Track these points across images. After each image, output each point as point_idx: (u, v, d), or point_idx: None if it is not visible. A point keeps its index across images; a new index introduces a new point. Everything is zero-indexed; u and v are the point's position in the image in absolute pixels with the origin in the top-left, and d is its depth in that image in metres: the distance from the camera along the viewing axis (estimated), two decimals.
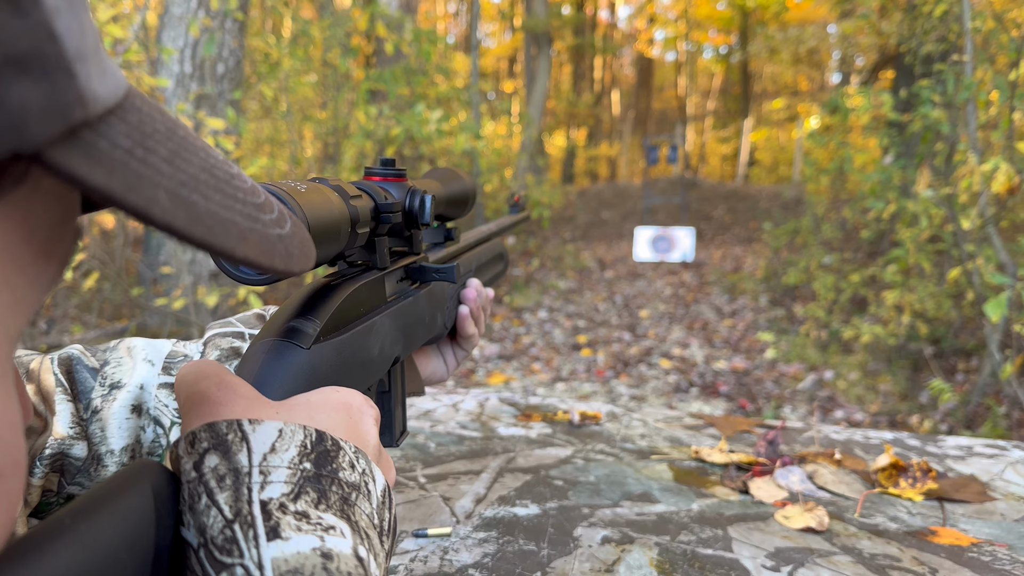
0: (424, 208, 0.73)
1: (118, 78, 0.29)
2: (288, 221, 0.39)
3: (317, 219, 0.54)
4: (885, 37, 9.67)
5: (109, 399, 0.77)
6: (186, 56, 5.50)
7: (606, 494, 1.05)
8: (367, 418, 0.52)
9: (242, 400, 0.47)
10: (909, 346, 5.70)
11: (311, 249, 0.41)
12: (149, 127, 0.30)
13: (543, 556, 0.85)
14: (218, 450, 0.41)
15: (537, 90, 15.92)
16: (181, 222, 0.28)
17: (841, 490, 1.10)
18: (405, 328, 0.74)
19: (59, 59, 0.23)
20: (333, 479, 0.43)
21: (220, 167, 0.34)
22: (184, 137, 0.33)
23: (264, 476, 0.40)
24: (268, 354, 0.54)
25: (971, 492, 1.12)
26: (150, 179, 0.27)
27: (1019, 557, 0.92)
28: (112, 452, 0.77)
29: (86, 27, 0.26)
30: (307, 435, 0.44)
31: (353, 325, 0.63)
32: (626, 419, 1.42)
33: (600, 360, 6.22)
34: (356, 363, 0.62)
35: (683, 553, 0.88)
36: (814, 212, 8.15)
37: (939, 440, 1.39)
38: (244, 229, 0.33)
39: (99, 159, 0.25)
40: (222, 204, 0.32)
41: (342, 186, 0.62)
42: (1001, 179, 3.22)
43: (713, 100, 28.42)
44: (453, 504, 0.99)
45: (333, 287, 0.63)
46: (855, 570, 0.86)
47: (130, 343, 0.82)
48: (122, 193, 0.26)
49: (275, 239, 0.36)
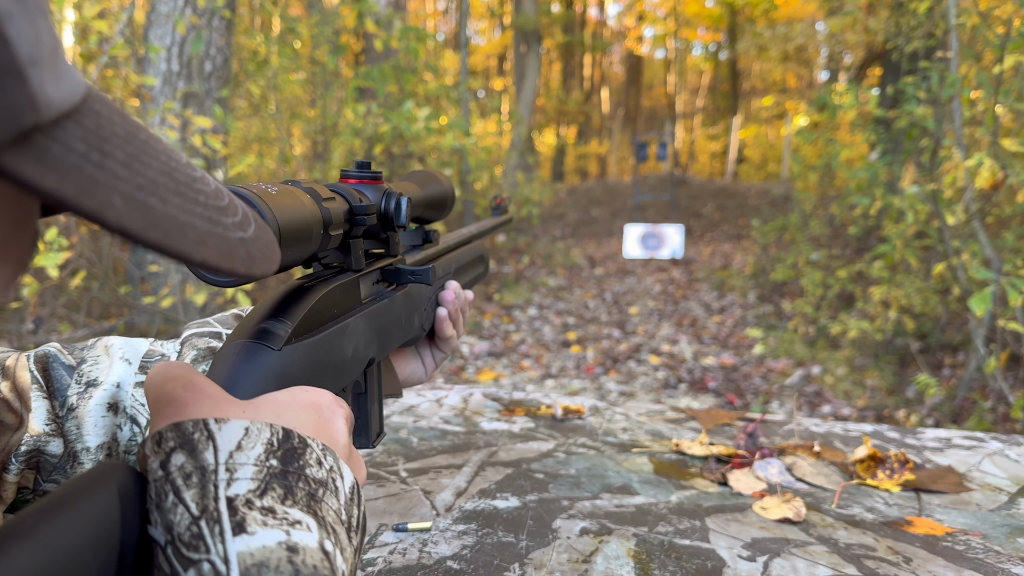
0: (400, 210, 0.74)
1: (75, 81, 0.29)
2: (252, 224, 0.39)
3: (288, 221, 0.54)
4: (872, 34, 9.72)
5: (85, 396, 0.77)
6: (173, 54, 5.48)
7: (586, 487, 1.05)
8: (336, 417, 0.52)
9: (209, 400, 0.47)
10: (896, 341, 5.73)
11: (275, 252, 0.41)
12: (107, 131, 0.30)
13: (521, 547, 0.86)
14: (184, 448, 0.41)
15: (527, 88, 15.92)
16: (136, 226, 0.28)
17: (819, 481, 1.11)
18: (380, 330, 0.74)
19: (10, 64, 0.24)
20: (300, 475, 0.43)
21: (181, 170, 0.34)
22: (145, 140, 0.33)
23: (230, 473, 0.41)
24: (239, 356, 0.54)
25: (948, 483, 1.13)
26: (105, 183, 0.27)
27: (992, 546, 0.93)
28: (88, 449, 0.77)
29: (41, 32, 0.26)
30: (273, 433, 0.44)
31: (326, 326, 0.63)
32: (608, 413, 1.43)
33: (589, 357, 6.23)
34: (329, 364, 0.62)
35: (660, 544, 0.88)
36: (802, 209, 8.19)
37: (918, 432, 1.40)
38: (203, 232, 0.33)
39: (51, 163, 0.25)
40: (181, 208, 0.32)
41: (315, 188, 0.62)
42: (985, 175, 3.24)
43: (702, 97, 28.47)
44: (434, 498, 0.99)
45: (306, 289, 0.63)
46: (830, 560, 0.87)
47: (107, 341, 0.82)
48: (74, 197, 0.26)
49: (236, 242, 0.36)
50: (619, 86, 29.66)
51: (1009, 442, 1.36)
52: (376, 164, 8.17)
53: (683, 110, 28.13)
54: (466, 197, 9.65)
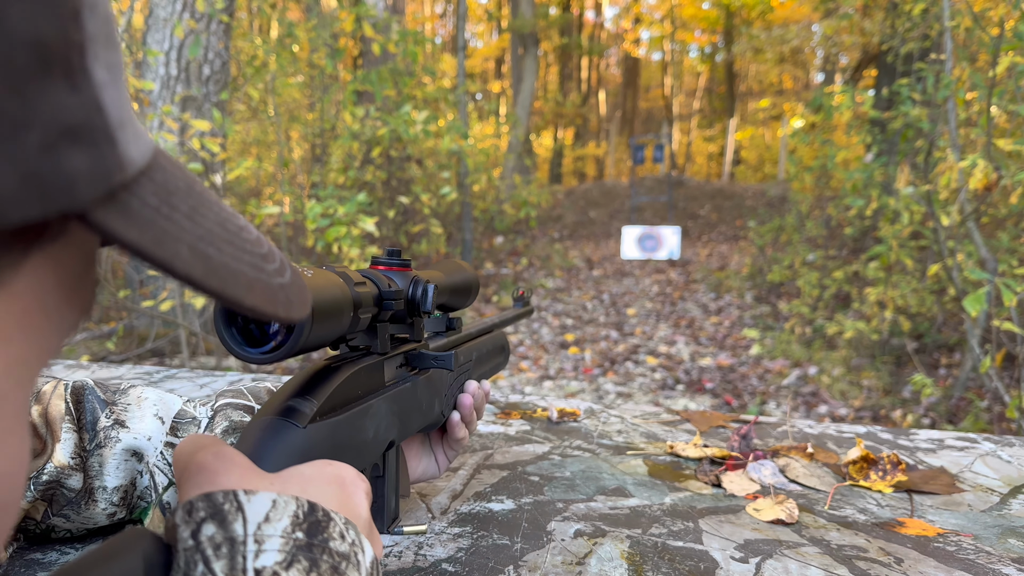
0: (426, 296, 0.76)
1: (147, 140, 0.31)
2: (288, 270, 0.41)
3: (321, 301, 0.56)
4: (868, 36, 9.75)
5: (113, 437, 0.78)
6: (171, 58, 5.49)
7: (581, 489, 1.06)
8: (358, 491, 0.53)
9: (238, 469, 0.49)
10: (892, 342, 5.75)
11: (308, 297, 0.43)
12: (172, 185, 0.32)
13: (516, 550, 0.87)
14: (215, 519, 0.42)
15: (524, 90, 15.94)
16: (199, 274, 0.30)
17: (812, 483, 1.12)
18: (401, 413, 0.76)
19: (105, 129, 0.26)
20: (324, 548, 0.44)
21: (231, 220, 0.36)
22: (201, 193, 0.35)
23: (259, 545, 0.42)
24: (265, 431, 0.56)
25: (940, 484, 1.15)
26: (174, 234, 0.30)
27: (984, 547, 0.94)
28: (105, 488, 0.79)
29: (124, 96, 0.28)
30: (299, 505, 0.45)
31: (350, 407, 0.65)
32: (604, 416, 1.44)
33: (587, 358, 6.25)
34: (351, 444, 0.64)
35: (654, 545, 0.89)
36: (798, 210, 8.21)
37: (911, 434, 1.41)
38: (251, 279, 0.35)
39: (132, 217, 0.28)
40: (233, 256, 0.34)
41: (347, 273, 0.65)
42: (979, 175, 3.26)
43: (698, 99, 28.51)
44: (429, 501, 1.00)
45: (333, 369, 0.65)
46: (822, 561, 0.88)
47: (141, 392, 0.84)
48: (151, 248, 0.28)
49: (277, 288, 0.38)
50: (616, 88, 29.70)
51: (1002, 443, 1.37)
52: (375, 167, 8.18)
53: (680, 112, 28.17)
54: (464, 199, 9.66)
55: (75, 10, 0.24)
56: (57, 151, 0.24)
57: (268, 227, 8.48)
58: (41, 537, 0.82)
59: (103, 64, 0.26)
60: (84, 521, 0.80)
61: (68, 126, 0.24)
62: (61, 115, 0.24)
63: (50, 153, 0.23)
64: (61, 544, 0.83)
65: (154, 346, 5.17)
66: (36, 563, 0.79)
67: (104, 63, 0.26)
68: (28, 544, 0.82)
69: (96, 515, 0.80)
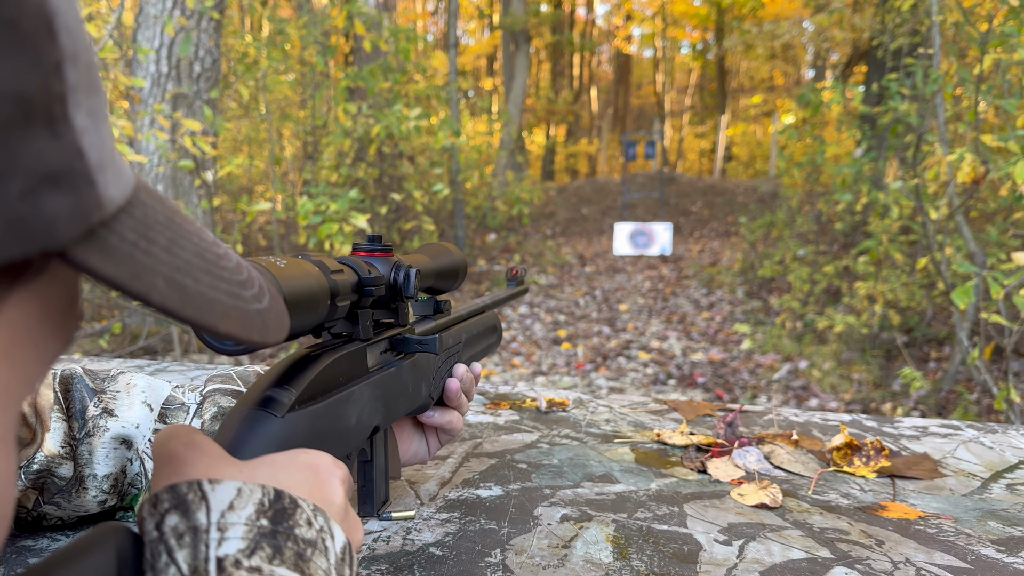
0: (408, 281, 0.77)
1: (128, 177, 0.32)
2: (266, 295, 0.42)
3: (294, 292, 0.56)
4: (858, 31, 9.78)
5: (101, 425, 0.79)
6: (162, 56, 5.48)
7: (568, 476, 1.08)
8: (332, 479, 0.54)
9: (206, 458, 0.49)
10: (882, 336, 5.78)
11: (286, 321, 0.44)
12: (151, 219, 0.33)
13: (503, 534, 0.88)
14: (178, 510, 0.43)
15: (516, 88, 15.95)
16: (175, 304, 0.31)
17: (796, 469, 1.13)
18: (386, 398, 0.76)
19: (85, 172, 0.27)
20: (289, 535, 0.45)
21: (209, 249, 0.38)
22: (180, 224, 0.36)
23: (221, 533, 0.42)
24: (243, 422, 0.57)
25: (923, 469, 1.16)
26: (151, 267, 0.31)
27: (964, 529, 0.96)
28: (95, 476, 0.80)
29: (105, 138, 0.30)
30: (265, 493, 0.46)
31: (331, 394, 0.65)
32: (592, 405, 1.46)
33: (580, 354, 6.26)
34: (332, 431, 0.64)
35: (639, 529, 0.91)
36: (789, 205, 8.24)
37: (896, 421, 1.43)
38: (227, 307, 0.36)
39: (110, 253, 0.29)
40: (210, 285, 0.35)
41: (323, 261, 0.65)
42: (966, 169, 3.28)
43: (690, 96, 28.56)
44: (418, 488, 1.01)
45: (313, 358, 0.65)
46: (804, 543, 0.89)
47: (130, 379, 0.84)
48: (127, 281, 0.29)
49: (254, 314, 0.39)
50: (608, 85, 29.72)
51: (985, 430, 1.38)
52: (367, 164, 8.18)
53: (671, 109, 28.21)
54: (456, 196, 9.67)
55: (57, 63, 0.25)
56: (38, 196, 0.25)
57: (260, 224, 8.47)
58: (33, 525, 0.82)
59: (84, 111, 0.27)
60: (75, 509, 0.81)
61: (49, 172, 0.25)
62: (42, 162, 0.25)
63: (31, 198, 0.25)
64: (53, 532, 0.84)
65: (146, 344, 5.17)
66: (28, 550, 0.79)
67: (85, 109, 0.28)
68: (20, 532, 0.83)
69: (87, 503, 0.80)
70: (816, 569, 0.83)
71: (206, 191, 5.48)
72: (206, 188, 5.48)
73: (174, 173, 5.43)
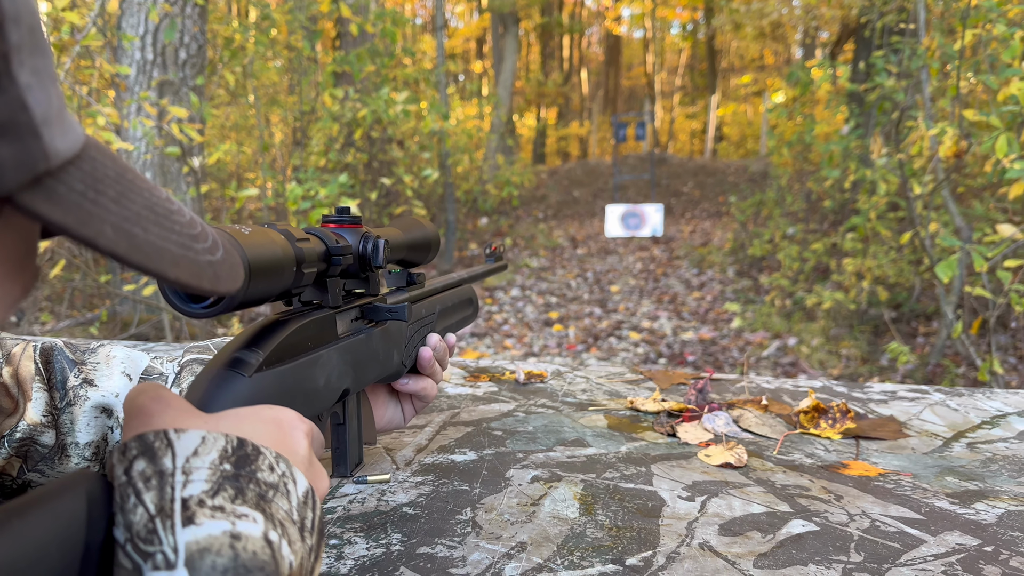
0: (377, 251, 0.80)
1: (76, 133, 0.36)
2: (220, 249, 0.45)
3: (257, 257, 0.59)
4: (846, 9, 9.77)
5: (82, 395, 0.82)
6: (147, 43, 5.45)
7: (541, 441, 1.11)
8: (296, 431, 0.57)
9: (172, 411, 0.52)
10: (870, 311, 5.83)
11: (239, 273, 0.47)
12: (101, 172, 0.37)
13: (475, 494, 0.91)
14: (145, 455, 0.46)
15: (506, 70, 15.89)
16: (123, 250, 0.35)
17: (764, 431, 1.17)
18: (356, 363, 0.79)
19: (29, 125, 0.31)
20: (251, 479, 0.48)
21: (161, 204, 0.41)
22: (131, 180, 0.40)
23: (186, 476, 0.45)
24: (212, 381, 0.60)
25: (888, 431, 1.20)
26: (99, 216, 0.34)
27: (921, 484, 0.99)
28: (77, 444, 0.82)
29: (52, 97, 0.33)
30: (228, 441, 0.49)
31: (298, 357, 0.68)
32: (570, 376, 1.49)
33: (571, 335, 6.30)
34: (299, 392, 0.68)
35: (606, 487, 0.94)
36: (779, 184, 8.27)
37: (866, 387, 1.46)
38: (177, 255, 0.39)
39: (57, 200, 0.32)
40: (159, 235, 0.39)
41: (289, 230, 0.68)
42: (948, 143, 3.31)
43: (680, 77, 28.49)
44: (395, 454, 1.05)
45: (282, 323, 0.69)
46: (765, 499, 0.92)
47: (110, 350, 0.87)
48: (75, 227, 0.33)
49: (205, 264, 0.42)
50: (598, 67, 29.62)
51: (952, 394, 1.42)
52: (356, 149, 8.17)
53: (662, 89, 28.15)
54: (446, 179, 9.66)
55: None
56: None
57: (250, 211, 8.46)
58: (18, 493, 0.85)
59: (28, 69, 0.30)
60: (58, 476, 0.83)
61: None
62: None
63: None
64: None
65: (137, 331, 5.18)
66: None
67: (29, 68, 0.31)
68: (5, 500, 0.86)
69: (70, 469, 0.83)
70: (775, 522, 0.86)
71: (194, 178, 5.48)
72: (194, 175, 5.48)
73: (162, 160, 5.43)
